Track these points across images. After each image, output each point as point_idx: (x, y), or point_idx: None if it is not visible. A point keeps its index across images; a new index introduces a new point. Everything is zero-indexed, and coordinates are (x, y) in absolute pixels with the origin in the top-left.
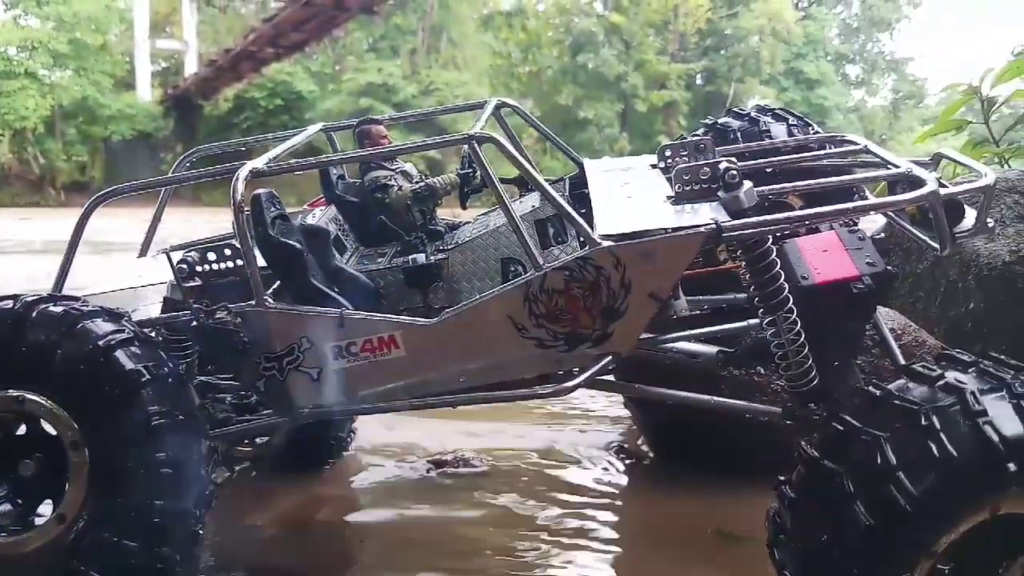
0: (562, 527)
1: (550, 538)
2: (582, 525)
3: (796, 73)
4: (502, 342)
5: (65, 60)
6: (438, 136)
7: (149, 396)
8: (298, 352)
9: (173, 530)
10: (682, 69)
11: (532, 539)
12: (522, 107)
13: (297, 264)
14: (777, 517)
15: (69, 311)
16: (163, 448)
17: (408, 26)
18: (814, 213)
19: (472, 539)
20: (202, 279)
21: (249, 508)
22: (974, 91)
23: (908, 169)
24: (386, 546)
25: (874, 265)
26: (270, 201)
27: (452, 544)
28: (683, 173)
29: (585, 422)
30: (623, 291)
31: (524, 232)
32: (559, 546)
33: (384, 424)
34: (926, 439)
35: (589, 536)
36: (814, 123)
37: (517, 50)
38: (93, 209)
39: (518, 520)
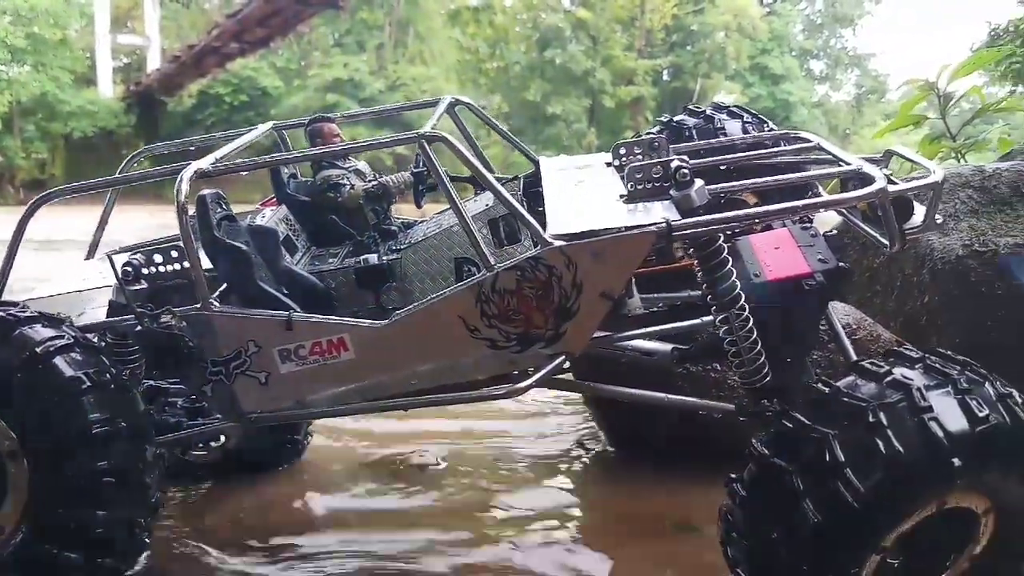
0: (522, 523)
1: (510, 534)
2: (542, 521)
3: (761, 69)
4: (454, 344)
5: (23, 55)
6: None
7: (90, 403)
8: (245, 356)
9: (116, 540)
10: (649, 65)
11: (492, 536)
12: (489, 103)
13: (243, 266)
14: (729, 514)
15: (5, 317)
16: (105, 456)
17: (374, 21)
18: (763, 211)
19: (431, 538)
20: (148, 282)
21: (204, 513)
22: (931, 87)
23: (858, 166)
24: (343, 548)
25: (826, 262)
26: (216, 202)
27: (410, 545)
28: (635, 172)
29: (545, 418)
30: (575, 291)
31: (475, 232)
32: (518, 542)
33: (342, 423)
34: (873, 436)
35: (549, 532)
36: (771, 120)
37: (484, 45)
38: (34, 211)
39: (477, 517)
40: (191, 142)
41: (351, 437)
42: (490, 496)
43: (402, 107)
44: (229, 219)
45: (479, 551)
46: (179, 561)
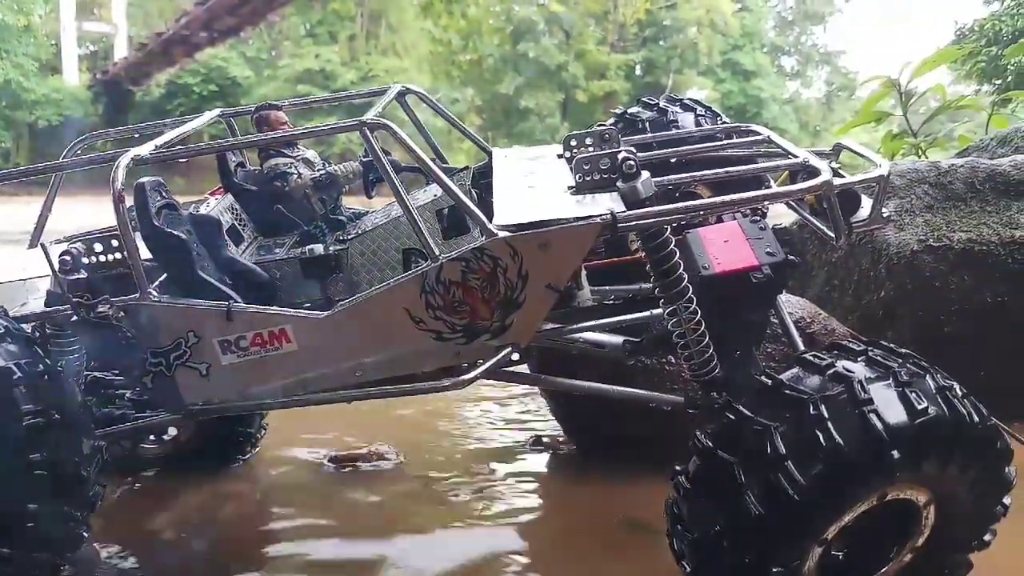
0: (475, 517)
1: (463, 526)
2: (495, 515)
3: (733, 64)
4: (398, 335)
5: None
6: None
7: (22, 394)
8: (185, 347)
9: (51, 534)
10: (622, 59)
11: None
12: (462, 96)
13: (183, 255)
14: (674, 507)
15: None
16: (38, 448)
17: (346, 11)
18: (708, 203)
19: (383, 532)
20: (88, 271)
21: (151, 508)
22: (893, 84)
23: (805, 159)
24: (291, 544)
25: (774, 255)
26: (156, 190)
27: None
28: (583, 163)
29: (504, 414)
30: (521, 282)
31: (420, 222)
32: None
33: (297, 417)
34: (814, 428)
35: (501, 526)
36: (742, 116)
37: (457, 37)
38: None
39: (432, 509)
40: (138, 128)
41: (306, 430)
42: (445, 487)
43: (352, 95)
44: (170, 207)
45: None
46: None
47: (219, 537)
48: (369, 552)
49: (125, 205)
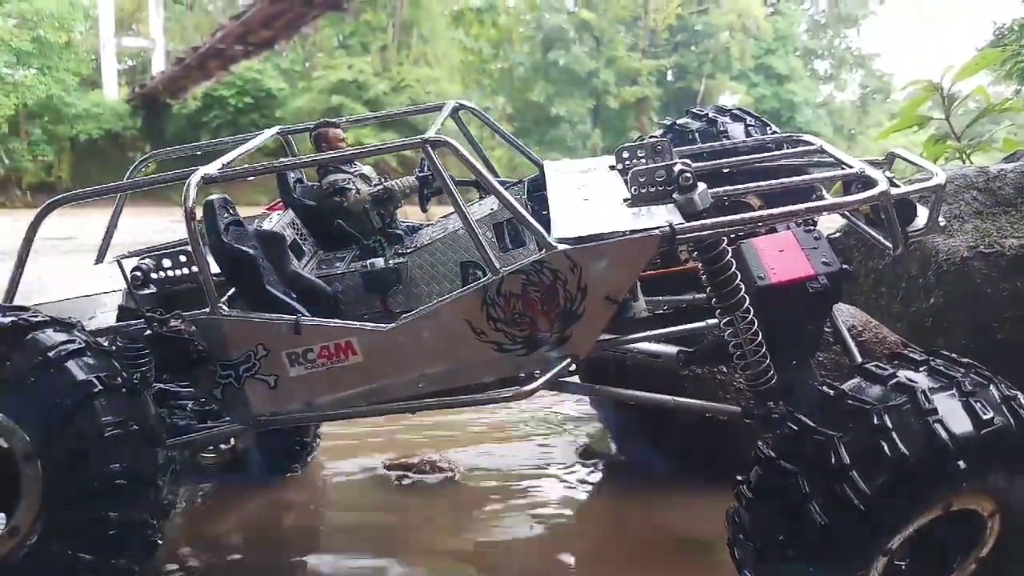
0: (524, 530)
1: (512, 540)
2: (544, 527)
3: (766, 69)
4: (460, 346)
5: (29, 58)
6: (399, 138)
7: (102, 406)
8: (254, 360)
9: (129, 541)
10: (653, 65)
11: (494, 542)
12: (493, 105)
13: (251, 270)
14: (736, 517)
15: (18, 322)
16: (117, 459)
17: (378, 23)
18: (767, 215)
19: (434, 542)
20: (157, 286)
21: (213, 515)
22: (935, 87)
23: (861, 169)
24: (348, 552)
25: (830, 264)
26: (223, 207)
27: (414, 548)
28: (639, 176)
29: (553, 423)
30: (580, 294)
31: (480, 236)
32: (521, 551)
33: (350, 427)
34: (878, 438)
35: (552, 539)
36: (776, 121)
37: (488, 47)
38: (45, 215)
39: (480, 523)
40: (198, 147)
41: (358, 438)
42: (494, 500)
43: (407, 111)
44: (236, 224)
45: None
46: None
47: (275, 547)
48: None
49: (196, 222)
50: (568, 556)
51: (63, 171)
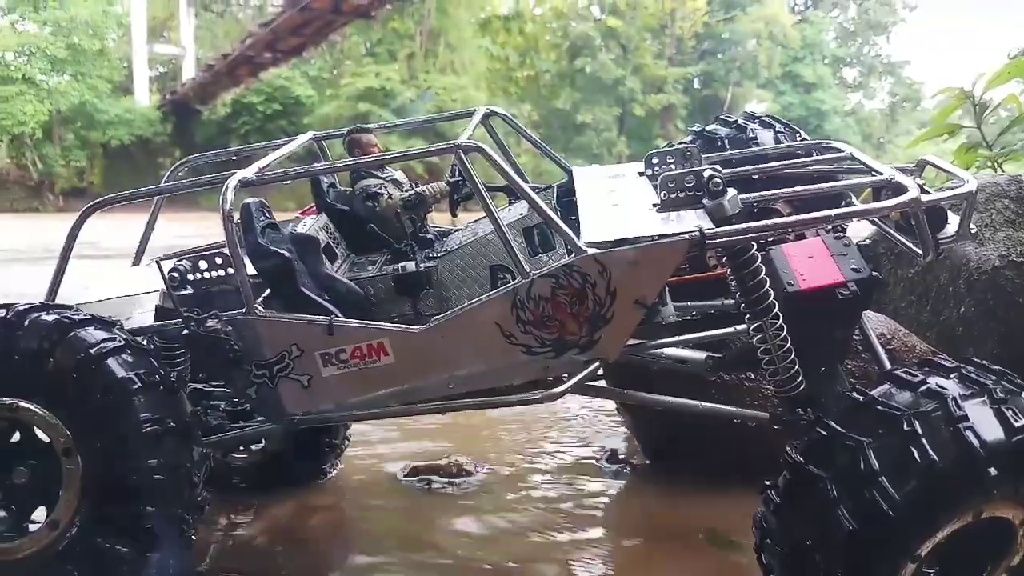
0: (552, 534)
1: (540, 543)
2: (573, 531)
3: (793, 77)
4: (490, 349)
5: (63, 65)
6: (430, 144)
7: (141, 403)
8: (288, 359)
9: (165, 536)
10: (679, 73)
11: (521, 545)
12: (519, 112)
13: (287, 272)
14: (763, 522)
15: (61, 319)
16: (155, 455)
17: (406, 30)
18: (797, 220)
19: (462, 546)
20: (194, 287)
21: (242, 516)
22: (967, 95)
23: (891, 176)
24: (378, 555)
25: (859, 271)
26: (260, 210)
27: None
28: (668, 181)
29: (579, 427)
30: (609, 298)
31: (511, 240)
32: (548, 553)
33: (378, 429)
34: (908, 445)
35: (579, 543)
36: (803, 129)
37: (515, 54)
38: (86, 217)
39: (507, 527)
40: (233, 152)
41: (386, 440)
42: (520, 503)
43: (438, 118)
44: (272, 227)
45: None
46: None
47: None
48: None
49: (234, 224)
50: (595, 555)
51: (95, 176)
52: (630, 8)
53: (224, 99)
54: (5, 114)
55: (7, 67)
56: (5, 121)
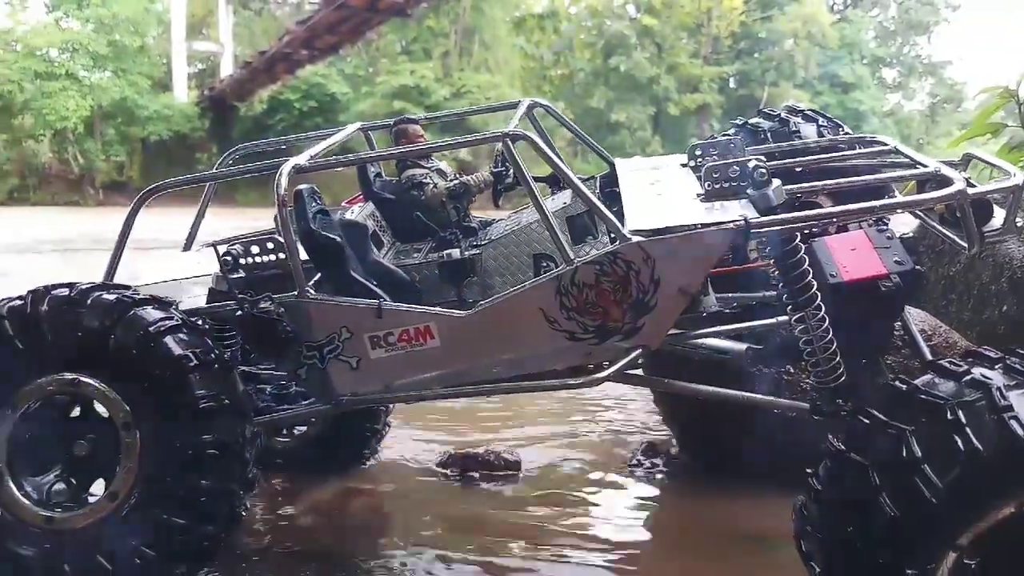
0: (585, 529)
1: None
2: (606, 527)
3: (831, 76)
4: (534, 334)
5: (105, 61)
6: (472, 135)
7: (196, 380)
8: (338, 341)
9: (218, 510)
10: (715, 72)
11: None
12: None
13: (338, 257)
14: (804, 509)
15: (121, 299)
16: (210, 430)
17: (441, 29)
18: (842, 211)
19: (493, 537)
20: (246, 271)
21: (285, 497)
22: (1011, 94)
23: (936, 168)
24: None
25: (902, 264)
26: (312, 196)
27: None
28: (712, 171)
29: (617, 421)
30: (653, 286)
31: (556, 227)
32: (580, 549)
33: (419, 414)
34: (951, 433)
35: (612, 539)
36: (847, 126)
37: (549, 53)
38: (144, 202)
39: (539, 519)
40: (282, 141)
41: (426, 427)
42: (556, 496)
43: (483, 110)
44: (323, 213)
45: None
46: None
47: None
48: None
49: (287, 210)
50: (631, 549)
51: (134, 171)
52: (666, 7)
53: (261, 96)
54: (49, 109)
55: (51, 63)
56: (49, 116)
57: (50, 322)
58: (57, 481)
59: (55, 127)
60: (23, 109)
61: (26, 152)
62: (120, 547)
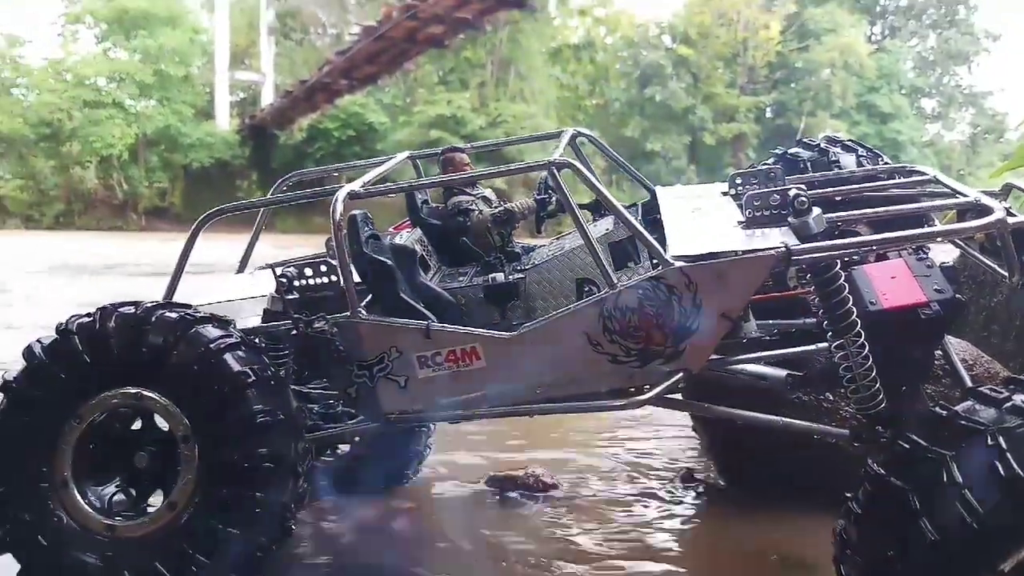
0: (626, 553)
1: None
2: (643, 552)
3: (869, 107)
4: (577, 356)
5: (150, 91)
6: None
7: (253, 396)
8: (387, 361)
9: (270, 521)
10: (751, 102)
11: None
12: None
13: (388, 279)
14: (843, 533)
15: (184, 317)
16: (265, 444)
17: (477, 59)
18: (882, 239)
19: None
20: (299, 292)
21: (328, 514)
22: None
23: (976, 198)
24: (453, 558)
25: (942, 292)
26: (364, 222)
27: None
28: (753, 199)
29: (656, 446)
30: (695, 310)
31: (600, 252)
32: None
33: (461, 435)
34: (992, 458)
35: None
36: (886, 156)
37: (584, 83)
38: (204, 225)
39: (578, 543)
40: (333, 168)
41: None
42: (592, 519)
43: (527, 139)
44: (375, 238)
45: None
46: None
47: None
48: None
49: (343, 233)
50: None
51: (175, 197)
52: (702, 37)
53: (301, 124)
54: (96, 137)
55: (99, 92)
56: (95, 143)
57: (116, 338)
58: (117, 492)
59: (101, 154)
60: (71, 137)
61: (72, 178)
62: (177, 555)
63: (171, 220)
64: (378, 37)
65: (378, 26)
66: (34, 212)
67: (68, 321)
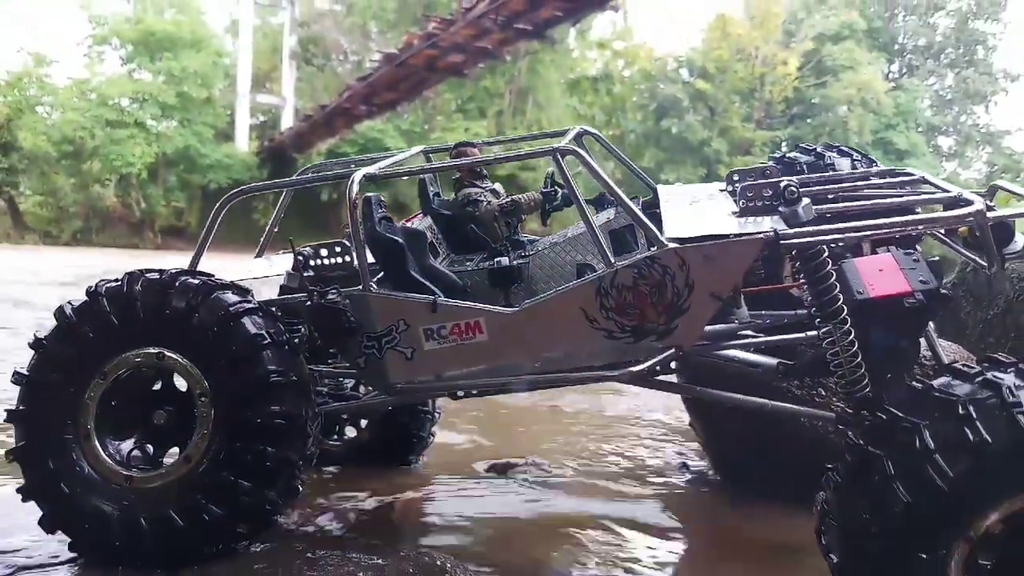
0: (624, 539)
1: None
2: (641, 541)
3: (885, 144)
4: (574, 332)
5: (172, 112)
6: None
7: (268, 357)
8: (395, 333)
9: (280, 477)
10: (767, 136)
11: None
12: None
13: (399, 257)
14: (824, 503)
15: (205, 283)
16: (278, 403)
17: (496, 89)
18: (865, 225)
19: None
20: (314, 271)
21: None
22: None
23: (959, 193)
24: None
25: (927, 283)
26: (378, 204)
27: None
28: (747, 191)
29: (652, 437)
30: (687, 290)
31: (599, 234)
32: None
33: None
34: (963, 426)
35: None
36: None
37: (601, 113)
38: (228, 203)
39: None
40: (353, 160)
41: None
42: (588, 509)
43: (534, 136)
44: (387, 219)
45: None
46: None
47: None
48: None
49: (358, 212)
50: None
51: (192, 217)
52: (720, 72)
53: (319, 148)
54: (116, 155)
55: (122, 112)
56: (115, 162)
57: (142, 301)
58: (135, 448)
59: (121, 172)
60: (92, 155)
61: (92, 196)
62: (191, 505)
63: (187, 239)
64: (399, 64)
65: (399, 53)
66: (53, 228)
67: (97, 285)
